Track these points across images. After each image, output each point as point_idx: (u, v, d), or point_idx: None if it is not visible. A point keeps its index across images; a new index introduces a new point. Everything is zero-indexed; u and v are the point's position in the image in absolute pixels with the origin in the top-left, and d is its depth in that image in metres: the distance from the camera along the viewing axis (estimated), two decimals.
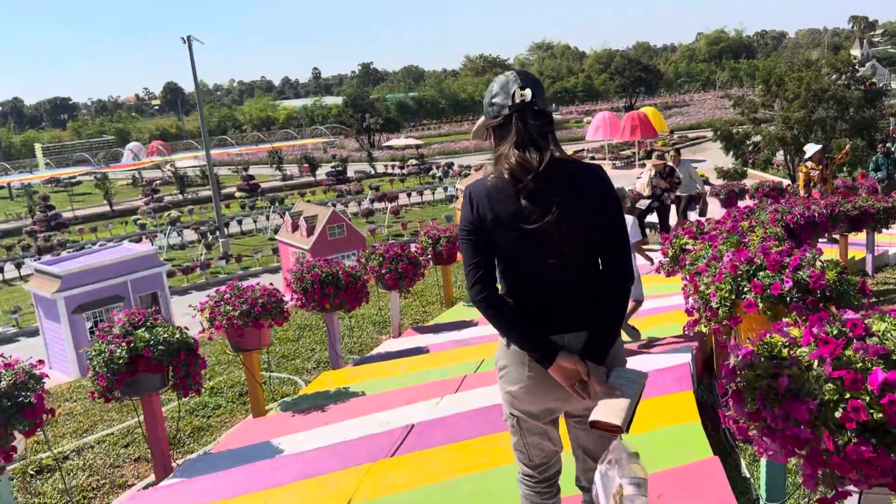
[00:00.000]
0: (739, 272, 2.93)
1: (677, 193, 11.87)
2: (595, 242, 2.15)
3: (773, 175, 34.31)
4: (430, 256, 8.50)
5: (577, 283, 2.17)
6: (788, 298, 2.80)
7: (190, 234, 34.28)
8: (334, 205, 35.05)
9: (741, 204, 15.31)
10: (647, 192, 11.19)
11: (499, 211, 2.11)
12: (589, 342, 2.14)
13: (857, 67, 32.98)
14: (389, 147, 56.24)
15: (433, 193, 38.27)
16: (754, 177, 33.54)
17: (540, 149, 2.10)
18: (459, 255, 8.75)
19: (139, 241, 33.12)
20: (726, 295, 2.95)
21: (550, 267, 2.13)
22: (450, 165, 44.60)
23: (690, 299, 3.18)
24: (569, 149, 49.48)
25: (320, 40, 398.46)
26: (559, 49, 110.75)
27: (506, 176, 2.10)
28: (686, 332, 3.28)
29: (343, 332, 7.82)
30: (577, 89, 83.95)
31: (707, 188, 17.63)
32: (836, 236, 9.15)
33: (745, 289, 2.90)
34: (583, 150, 48.34)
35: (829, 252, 9.22)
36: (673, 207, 12.03)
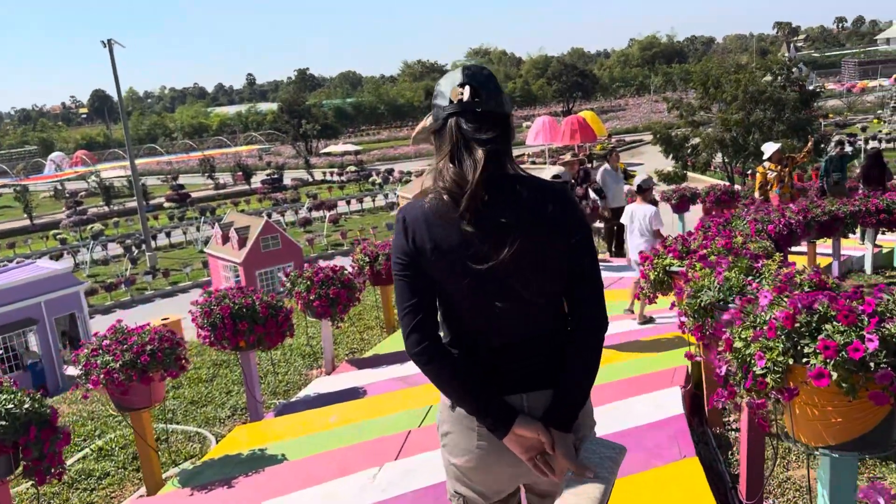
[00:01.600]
0: (799, 324, 2.05)
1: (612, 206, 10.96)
2: (559, 280, 1.77)
3: (712, 177, 34.46)
4: (367, 276, 7.49)
5: (538, 330, 1.79)
6: (873, 364, 1.93)
7: (115, 248, 32.35)
8: (269, 214, 33.66)
9: (693, 209, 14.82)
10: None
11: (439, 240, 1.72)
12: (554, 404, 1.75)
13: (791, 69, 33.39)
14: (328, 154, 54.89)
15: (373, 201, 37.21)
16: (693, 180, 33.62)
17: (476, 161, 1.69)
18: None
19: (60, 256, 31.08)
20: (779, 358, 2.07)
21: (504, 311, 1.75)
22: (390, 172, 43.64)
23: (721, 362, 2.28)
24: None
25: (255, 46, 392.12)
26: (496, 55, 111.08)
27: (444, 197, 1.71)
28: (720, 406, 2.38)
29: (266, 369, 6.75)
30: (515, 94, 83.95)
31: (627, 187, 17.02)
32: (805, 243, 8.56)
33: (808, 349, 2.02)
34: (523, 154, 47.99)
35: (797, 260, 8.64)
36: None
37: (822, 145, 25.85)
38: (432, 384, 1.82)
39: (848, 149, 13.36)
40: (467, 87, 1.75)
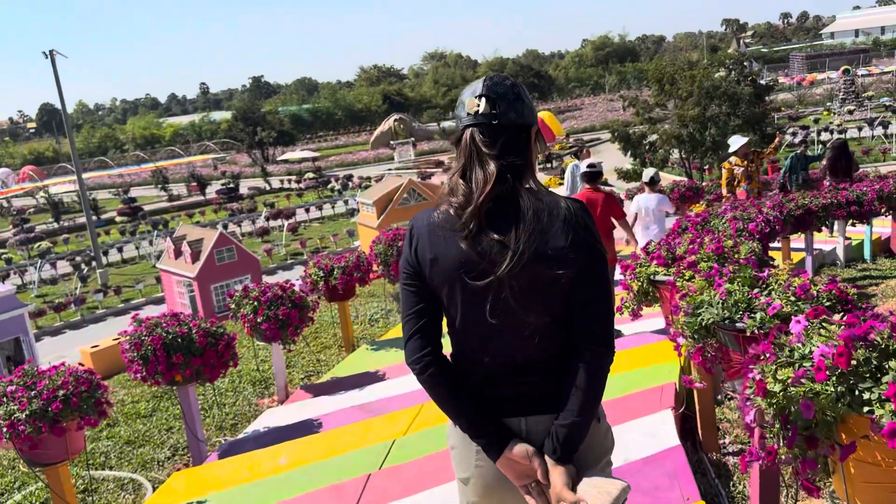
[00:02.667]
0: (855, 362, 1.59)
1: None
2: (561, 304, 1.68)
3: (670, 173, 34.51)
4: (321, 292, 6.94)
5: (538, 353, 1.72)
6: None
7: (65, 267, 31.06)
8: (226, 225, 32.73)
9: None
10: None
11: (440, 253, 1.71)
12: (552, 434, 1.67)
13: (744, 63, 33.58)
14: (285, 161, 53.92)
15: (333, 207, 36.45)
16: None
17: (487, 176, 1.67)
18: (359, 288, 7.25)
19: (6, 277, 29.74)
20: (831, 406, 1.60)
21: (501, 330, 1.69)
22: (349, 177, 42.93)
23: (750, 408, 1.81)
24: None
25: (208, 54, 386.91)
26: (452, 58, 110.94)
27: (451, 211, 1.70)
28: (755, 462, 1.92)
29: (212, 399, 6.15)
30: None
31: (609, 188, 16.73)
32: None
33: (870, 395, 1.56)
34: None
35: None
36: None
37: (781, 139, 25.99)
38: (397, 413, 1.65)
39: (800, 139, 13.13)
40: (484, 99, 1.71)
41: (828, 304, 2.48)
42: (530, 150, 1.76)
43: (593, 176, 6.40)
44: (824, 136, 32.27)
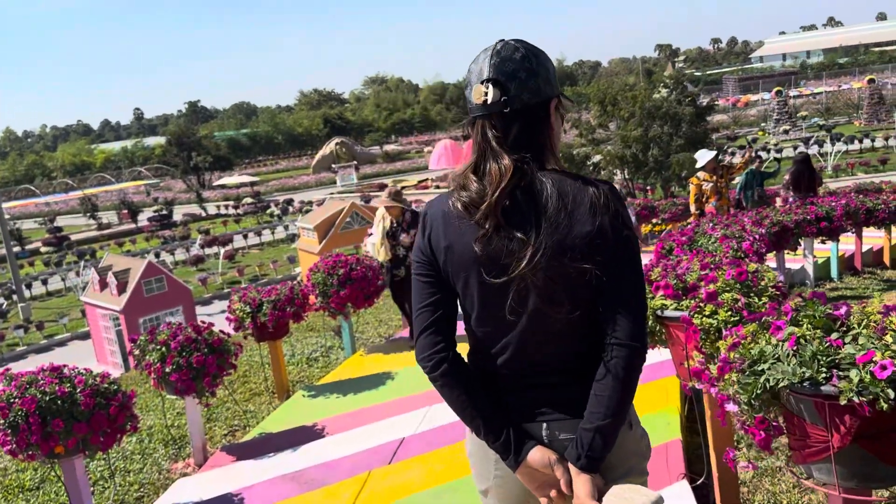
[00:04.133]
0: None
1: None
2: (588, 296, 1.53)
3: None
4: (248, 331, 5.96)
5: (562, 351, 1.59)
6: None
7: None
8: (157, 253, 31.23)
9: None
10: (383, 257, 6.82)
11: (455, 242, 1.58)
12: (577, 439, 1.54)
13: (684, 84, 33.93)
14: (222, 186, 52.25)
15: (273, 233, 35.23)
16: None
17: (502, 171, 1.52)
18: (293, 323, 6.30)
19: None
20: None
21: (521, 327, 1.57)
22: (289, 202, 41.71)
23: None
24: (413, 178, 48.41)
25: (142, 79, 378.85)
26: (393, 82, 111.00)
27: (459, 206, 1.57)
28: None
29: (116, 463, 5.09)
30: (415, 120, 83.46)
31: None
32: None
33: None
34: (427, 178, 47.08)
35: None
36: None
37: (721, 157, 26.17)
38: (336, 485, 1.05)
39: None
40: (491, 85, 1.53)
41: None
42: (551, 127, 1.59)
43: None
44: (762, 155, 32.79)
